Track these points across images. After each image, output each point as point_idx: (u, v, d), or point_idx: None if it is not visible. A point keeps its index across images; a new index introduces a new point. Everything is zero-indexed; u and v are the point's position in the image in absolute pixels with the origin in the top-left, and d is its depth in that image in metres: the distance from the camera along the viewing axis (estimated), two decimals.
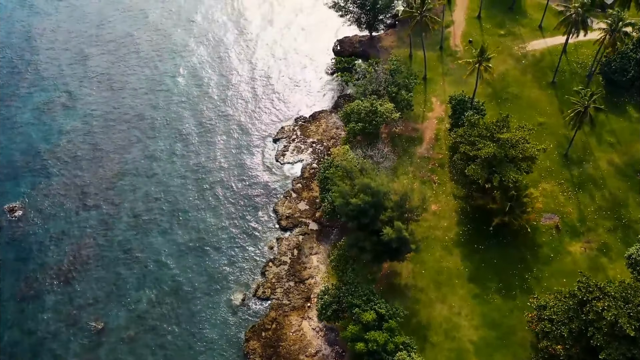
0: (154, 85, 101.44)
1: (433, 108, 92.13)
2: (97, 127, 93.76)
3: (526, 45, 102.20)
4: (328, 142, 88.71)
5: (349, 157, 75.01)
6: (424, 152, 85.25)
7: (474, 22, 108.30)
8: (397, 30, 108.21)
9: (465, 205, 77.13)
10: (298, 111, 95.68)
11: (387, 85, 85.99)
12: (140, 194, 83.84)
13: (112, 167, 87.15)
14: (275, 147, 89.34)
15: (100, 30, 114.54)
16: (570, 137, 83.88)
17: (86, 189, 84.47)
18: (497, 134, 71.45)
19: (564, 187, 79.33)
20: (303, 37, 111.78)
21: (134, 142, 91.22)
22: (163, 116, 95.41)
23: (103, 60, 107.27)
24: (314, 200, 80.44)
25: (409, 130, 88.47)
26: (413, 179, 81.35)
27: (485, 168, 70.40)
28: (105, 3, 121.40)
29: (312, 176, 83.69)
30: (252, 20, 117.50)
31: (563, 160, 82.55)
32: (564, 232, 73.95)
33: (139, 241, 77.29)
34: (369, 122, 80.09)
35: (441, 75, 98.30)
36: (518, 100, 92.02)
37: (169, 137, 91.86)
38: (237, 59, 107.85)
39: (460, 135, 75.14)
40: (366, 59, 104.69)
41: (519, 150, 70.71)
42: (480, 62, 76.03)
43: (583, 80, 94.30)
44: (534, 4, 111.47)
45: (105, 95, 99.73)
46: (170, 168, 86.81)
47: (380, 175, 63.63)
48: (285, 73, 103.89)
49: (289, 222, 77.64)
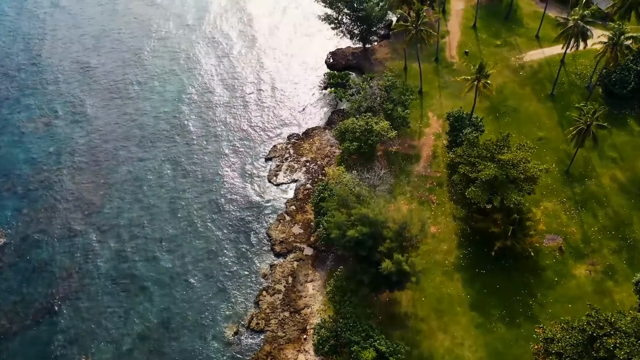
0: (141, 104, 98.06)
1: (430, 123, 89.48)
2: (82, 148, 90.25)
3: (523, 56, 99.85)
4: (322, 160, 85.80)
5: (344, 180, 72.13)
6: (421, 171, 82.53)
7: (470, 32, 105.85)
8: (391, 41, 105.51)
9: (465, 226, 74.47)
10: (291, 128, 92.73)
11: (382, 101, 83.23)
12: (126, 219, 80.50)
13: (98, 190, 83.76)
14: (267, 167, 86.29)
15: (85, 46, 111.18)
16: (570, 152, 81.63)
17: (71, 215, 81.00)
18: (498, 155, 68.85)
19: (566, 205, 76.89)
20: (294, 50, 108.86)
21: (120, 163, 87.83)
22: (150, 136, 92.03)
23: (88, 78, 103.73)
24: (308, 223, 77.47)
25: (406, 147, 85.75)
26: (411, 200, 78.71)
27: (486, 190, 67.83)
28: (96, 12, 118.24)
29: (306, 197, 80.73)
30: (242, 34, 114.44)
31: (564, 177, 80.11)
32: (567, 254, 71.46)
33: (126, 270, 74.00)
34: (364, 141, 77.27)
35: (437, 89, 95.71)
36: (516, 114, 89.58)
37: (156, 157, 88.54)
38: (226, 74, 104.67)
39: (460, 155, 72.54)
40: (360, 71, 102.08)
41: (520, 170, 68.22)
42: (478, 79, 73.38)
43: (582, 92, 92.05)
44: (529, 13, 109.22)
45: (90, 115, 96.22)
46: (158, 191, 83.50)
47: (378, 202, 60.77)
48: (277, 88, 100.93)
49: (282, 247, 74.65)
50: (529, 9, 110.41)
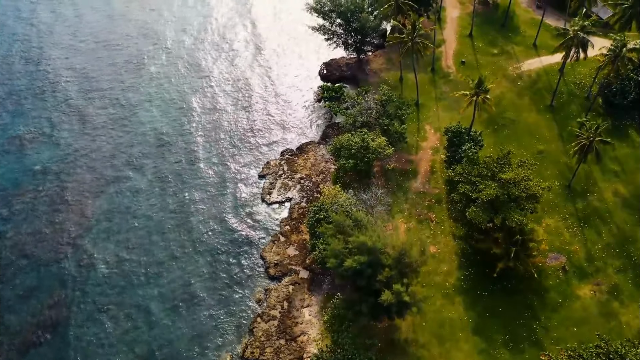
0: (129, 121, 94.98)
1: (427, 137, 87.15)
2: (69, 166, 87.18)
3: (521, 65, 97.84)
4: (317, 177, 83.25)
5: (340, 200, 69.73)
6: (419, 187, 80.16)
7: (466, 41, 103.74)
8: (386, 51, 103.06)
9: (465, 246, 72.22)
10: (284, 143, 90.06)
11: (378, 116, 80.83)
12: (115, 241, 77.55)
13: (85, 212, 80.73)
14: (261, 185, 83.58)
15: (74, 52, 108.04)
16: (571, 165, 79.66)
17: (57, 238, 77.96)
18: (499, 174, 66.60)
19: (568, 222, 74.77)
20: (287, 62, 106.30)
21: (108, 182, 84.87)
22: (139, 154, 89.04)
23: (74, 92, 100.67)
24: (303, 244, 74.90)
25: (403, 162, 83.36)
26: (409, 218, 76.35)
27: (487, 210, 65.60)
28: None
29: (301, 217, 78.14)
30: (233, 44, 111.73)
31: (566, 192, 78.01)
32: (571, 274, 69.31)
33: (114, 296, 71.07)
34: (360, 158, 74.86)
35: (434, 100, 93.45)
36: (515, 126, 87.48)
37: (145, 176, 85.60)
38: (216, 87, 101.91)
39: (459, 174, 70.26)
40: (355, 83, 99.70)
41: (522, 189, 66.03)
42: (477, 95, 71.10)
43: (582, 102, 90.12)
44: (526, 20, 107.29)
45: (77, 131, 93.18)
46: (147, 211, 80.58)
47: (376, 227, 58.23)
48: (269, 101, 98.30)
49: (277, 270, 72.03)
50: (526, 16, 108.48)
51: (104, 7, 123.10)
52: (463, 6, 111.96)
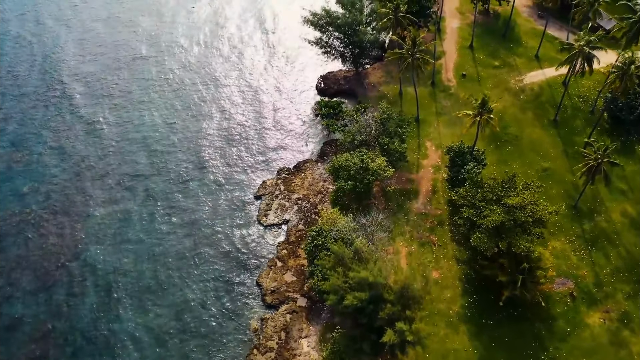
0: (119, 138, 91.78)
1: (428, 154, 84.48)
2: (57, 187, 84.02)
3: (523, 78, 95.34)
4: (315, 197, 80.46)
5: (339, 225, 67.05)
6: (420, 208, 77.47)
7: (466, 53, 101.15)
8: (385, 63, 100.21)
9: (469, 271, 69.60)
10: (281, 161, 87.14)
11: (378, 134, 78.11)
12: (105, 267, 74.47)
13: (74, 236, 77.68)
14: (256, 206, 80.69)
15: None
16: (577, 184, 77.27)
17: (45, 264, 74.90)
18: (505, 198, 63.96)
19: (575, 244, 72.27)
20: (283, 75, 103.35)
21: (98, 204, 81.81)
22: (130, 174, 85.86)
23: (65, 110, 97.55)
24: (301, 269, 72.12)
25: (403, 181, 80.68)
26: (410, 241, 73.69)
27: (492, 236, 63.00)
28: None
29: (298, 240, 75.35)
30: (226, 59, 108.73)
31: (572, 212, 75.50)
32: (579, 301, 66.80)
33: (103, 327, 68.08)
34: (359, 180, 72.12)
35: (435, 115, 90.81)
36: (519, 143, 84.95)
37: (136, 197, 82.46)
38: (210, 102, 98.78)
39: (463, 197, 67.62)
40: (353, 96, 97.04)
41: (528, 213, 63.47)
42: (481, 115, 68.46)
43: (586, 116, 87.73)
44: (527, 31, 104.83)
45: (66, 150, 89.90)
46: (138, 235, 77.61)
47: (377, 258, 55.50)
48: (265, 116, 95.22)
49: (274, 298, 69.21)
50: (527, 26, 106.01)
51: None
52: (463, 16, 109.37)
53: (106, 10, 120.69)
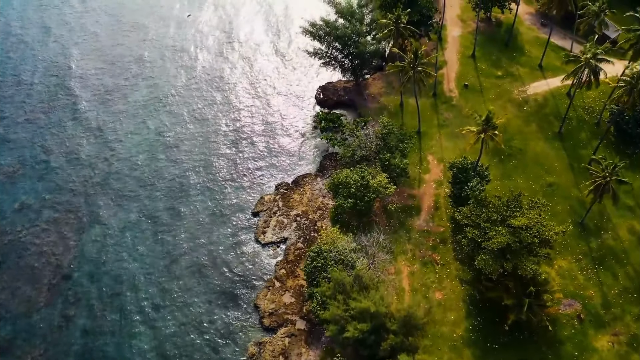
0: (114, 150, 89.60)
1: (430, 169, 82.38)
2: (49, 203, 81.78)
3: (527, 88, 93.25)
4: (314, 214, 78.35)
5: (339, 246, 64.99)
6: (422, 225, 75.41)
7: (468, 62, 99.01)
8: (385, 73, 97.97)
9: (474, 292, 67.57)
10: (279, 176, 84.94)
11: (378, 149, 76.03)
12: (97, 288, 72.36)
13: (67, 255, 75.50)
14: (254, 223, 78.54)
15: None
16: (583, 199, 75.27)
17: (36, 284, 72.70)
18: (510, 219, 61.90)
19: (582, 263, 70.27)
20: (281, 85, 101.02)
21: (91, 220, 79.61)
22: (124, 188, 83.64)
23: (57, 122, 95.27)
24: (300, 290, 70.05)
25: (404, 197, 78.60)
26: (412, 260, 71.65)
27: (497, 258, 60.97)
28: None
29: (297, 259, 73.27)
30: (223, 67, 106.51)
31: (579, 229, 73.48)
32: (587, 323, 64.81)
33: (96, 352, 65.99)
34: (360, 197, 70.06)
35: (436, 127, 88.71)
36: (523, 156, 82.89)
37: (130, 213, 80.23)
38: (206, 112, 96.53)
39: (467, 217, 65.54)
40: (353, 108, 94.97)
41: (534, 233, 61.45)
42: (485, 131, 66.39)
43: (592, 129, 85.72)
44: (530, 39, 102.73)
45: (60, 164, 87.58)
46: (133, 254, 75.43)
47: (379, 286, 53.45)
48: (263, 129, 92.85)
49: (272, 321, 67.12)
50: (530, 35, 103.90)
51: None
52: (464, 24, 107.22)
53: (105, 18, 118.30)
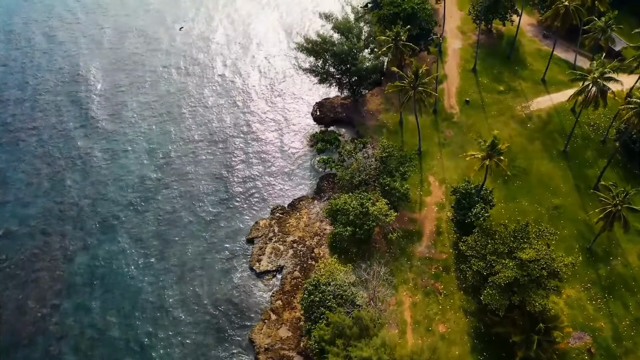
0: (103, 171, 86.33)
1: (431, 191, 79.37)
2: (35, 230, 78.44)
3: (530, 104, 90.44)
4: (311, 240, 75.23)
5: (337, 278, 61.90)
6: (424, 252, 72.41)
7: (469, 77, 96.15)
8: (384, 88, 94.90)
9: (479, 324, 64.58)
10: (275, 199, 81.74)
11: (378, 173, 72.98)
12: (86, 321, 69.08)
13: (54, 285, 72.17)
14: (249, 250, 75.35)
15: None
16: (590, 223, 72.50)
17: (23, 317, 69.35)
18: (517, 251, 58.94)
19: (591, 292, 67.36)
20: (277, 101, 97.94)
21: (79, 248, 76.31)
22: (113, 213, 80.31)
23: (44, 142, 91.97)
24: (297, 323, 66.88)
25: (405, 222, 75.56)
26: (414, 289, 68.62)
27: (504, 292, 58.00)
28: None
29: (294, 289, 70.12)
30: (218, 83, 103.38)
31: (587, 256, 70.58)
32: (598, 357, 61.91)
33: None
34: (359, 225, 67.02)
35: (437, 146, 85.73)
36: (527, 177, 80.00)
37: (117, 240, 76.82)
38: (200, 129, 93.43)
39: (471, 247, 62.54)
40: (350, 125, 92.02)
41: (543, 265, 58.51)
42: (490, 157, 63.41)
43: (598, 147, 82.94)
44: (532, 52, 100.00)
45: (46, 188, 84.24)
46: (122, 283, 72.14)
47: (382, 327, 50.40)
48: (257, 149, 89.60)
49: (268, 357, 63.96)
50: (532, 47, 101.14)
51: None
52: (465, 36, 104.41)
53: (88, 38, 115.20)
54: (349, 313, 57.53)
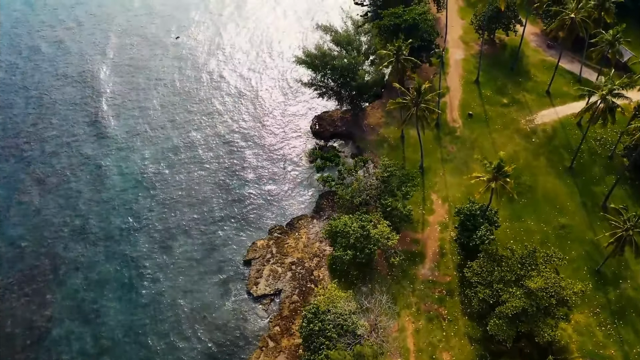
0: (94, 190, 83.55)
1: (434, 209, 76.98)
2: (24, 252, 75.86)
3: (534, 117, 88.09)
4: (310, 261, 72.81)
5: (338, 306, 59.50)
6: (427, 274, 70.04)
7: (472, 89, 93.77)
8: (384, 101, 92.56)
9: (484, 352, 62.19)
10: (272, 218, 79.14)
11: (379, 193, 70.57)
12: (78, 344, 66.72)
13: (43, 310, 69.63)
14: (246, 273, 72.88)
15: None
16: (598, 243, 70.19)
17: (9, 343, 66.86)
18: (525, 280, 56.61)
19: (600, 317, 64.97)
20: (273, 116, 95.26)
21: (69, 270, 73.75)
22: (105, 234, 77.59)
23: (32, 159, 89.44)
24: (295, 350, 64.45)
25: (407, 242, 73.18)
26: (417, 315, 66.24)
27: (512, 322, 55.69)
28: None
29: (292, 314, 67.70)
30: (212, 97, 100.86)
31: (595, 278, 68.23)
32: None
33: None
34: (360, 249, 64.64)
35: (440, 162, 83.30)
36: (533, 194, 77.64)
37: (110, 262, 74.23)
38: (192, 147, 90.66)
39: (477, 273, 60.20)
40: (350, 139, 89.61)
41: (551, 293, 56.21)
42: (496, 179, 61.04)
43: (605, 162, 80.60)
44: (536, 63, 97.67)
45: (35, 207, 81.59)
46: (114, 309, 69.60)
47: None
48: (254, 166, 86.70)
49: None
50: (536, 58, 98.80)
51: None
52: (467, 46, 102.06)
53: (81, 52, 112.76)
54: (349, 345, 55.22)
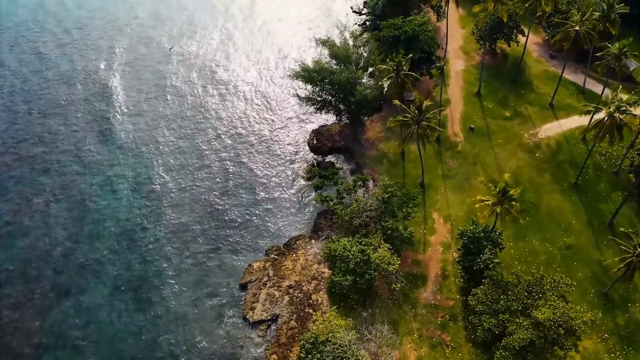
0: (81, 209, 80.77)
1: (435, 229, 74.69)
2: (13, 275, 73.28)
3: (538, 131, 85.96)
4: (308, 284, 70.42)
5: (337, 336, 57.16)
6: (429, 298, 67.74)
7: (473, 101, 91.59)
8: (384, 115, 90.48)
9: None
10: (269, 237, 76.67)
11: (380, 214, 68.24)
12: None
13: (31, 338, 66.98)
14: (241, 297, 70.42)
15: None
16: (605, 263, 68.06)
17: None
18: (532, 309, 54.37)
19: (609, 344, 62.77)
20: (270, 131, 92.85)
21: (60, 294, 71.03)
22: (95, 255, 74.95)
23: (25, 175, 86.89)
24: None
25: (408, 264, 70.88)
26: (419, 341, 63.91)
27: (519, 355, 53.43)
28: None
29: (290, 341, 65.27)
30: (208, 109, 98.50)
31: (603, 302, 66.04)
32: None
33: None
34: (360, 274, 62.32)
35: (441, 179, 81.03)
36: (537, 213, 75.46)
37: (101, 285, 71.51)
38: (187, 163, 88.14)
39: (482, 301, 57.93)
40: (349, 154, 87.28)
41: (559, 322, 54.01)
42: (501, 203, 58.77)
43: (611, 179, 78.52)
44: (539, 73, 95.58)
45: (26, 227, 79.00)
46: (106, 335, 66.94)
47: None
48: (250, 183, 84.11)
49: None
50: (538, 68, 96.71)
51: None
52: (468, 56, 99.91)
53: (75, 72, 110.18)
54: None
